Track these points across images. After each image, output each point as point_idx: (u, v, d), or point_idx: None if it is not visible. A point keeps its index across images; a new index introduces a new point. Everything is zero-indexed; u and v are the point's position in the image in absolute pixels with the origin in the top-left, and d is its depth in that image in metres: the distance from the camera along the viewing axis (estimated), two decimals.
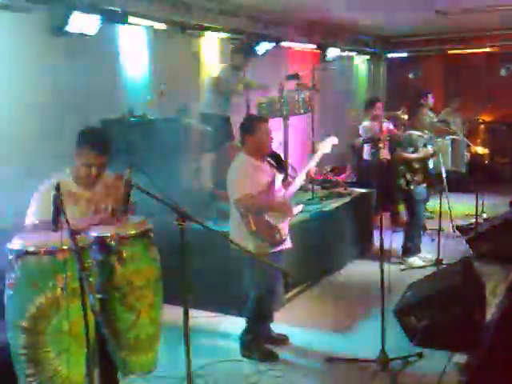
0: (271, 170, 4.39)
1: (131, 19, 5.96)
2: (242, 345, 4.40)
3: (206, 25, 7.06)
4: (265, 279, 4.23)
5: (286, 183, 4.45)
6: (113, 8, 5.68)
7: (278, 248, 4.28)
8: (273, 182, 4.31)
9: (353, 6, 7.66)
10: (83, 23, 5.34)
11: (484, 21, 9.57)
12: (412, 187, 6.31)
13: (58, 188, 2.88)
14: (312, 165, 4.46)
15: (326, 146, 4.49)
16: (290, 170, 6.19)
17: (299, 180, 4.43)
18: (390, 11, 8.30)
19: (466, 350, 4.09)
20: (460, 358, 4.10)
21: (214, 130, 6.22)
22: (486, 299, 4.54)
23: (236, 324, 4.60)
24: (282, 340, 4.58)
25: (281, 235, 4.25)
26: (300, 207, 4.48)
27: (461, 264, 4.72)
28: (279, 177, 4.38)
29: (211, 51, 7.50)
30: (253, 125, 4.35)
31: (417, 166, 6.30)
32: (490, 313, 4.43)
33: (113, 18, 5.74)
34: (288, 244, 4.38)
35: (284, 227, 4.29)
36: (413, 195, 6.39)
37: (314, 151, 4.62)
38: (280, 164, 6.02)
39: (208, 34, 7.29)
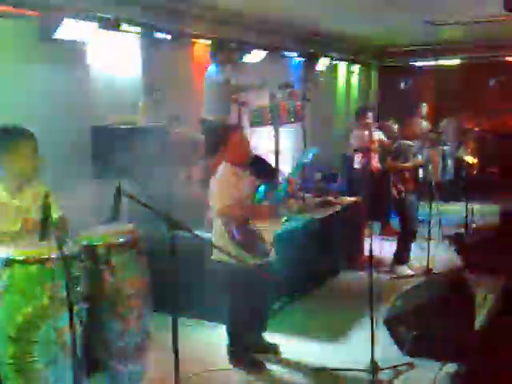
0: (253, 180, 4.35)
1: (124, 26, 5.96)
2: (229, 354, 4.38)
3: (199, 33, 7.06)
4: (242, 291, 4.16)
5: (268, 193, 4.36)
6: (105, 15, 5.68)
7: (264, 260, 4.21)
8: (255, 192, 4.27)
9: (344, 16, 7.70)
10: (75, 30, 5.33)
11: (473, 32, 9.67)
12: (403, 197, 6.33)
13: (47, 196, 2.87)
14: (292, 175, 4.40)
15: (306, 155, 4.40)
16: (280, 178, 6.18)
17: (281, 190, 4.36)
18: (382, 21, 8.36)
19: (456, 359, 4.09)
20: (450, 367, 4.10)
21: (214, 136, 6.19)
22: (475, 309, 4.55)
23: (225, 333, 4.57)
24: (272, 349, 4.55)
25: (266, 247, 4.19)
26: (283, 219, 4.43)
27: (450, 274, 4.73)
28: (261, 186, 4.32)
29: (204, 58, 7.51)
30: (225, 135, 4.33)
31: (407, 175, 6.32)
32: (479, 323, 4.44)
33: (105, 25, 5.73)
34: (272, 255, 4.32)
35: (270, 238, 4.23)
36: (404, 205, 6.41)
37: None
38: (268, 171, 6.00)
39: (201, 41, 7.30)
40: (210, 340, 4.77)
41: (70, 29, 5.25)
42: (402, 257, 6.54)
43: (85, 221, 3.98)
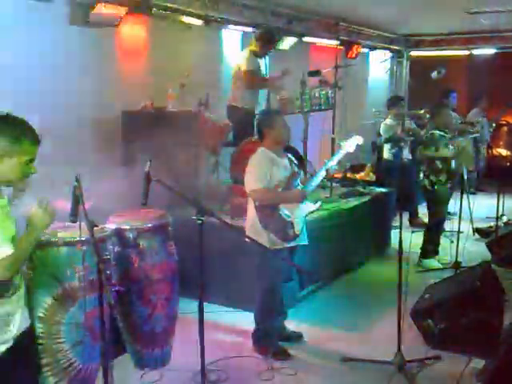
0: (291, 166, 4.36)
1: (155, 11, 5.96)
2: (254, 341, 4.39)
3: (231, 18, 7.03)
4: (273, 275, 4.19)
5: (303, 179, 4.42)
6: None
7: (292, 243, 4.24)
8: (292, 178, 4.28)
9: (378, 3, 7.58)
10: (108, 14, 5.35)
11: (509, 21, 9.43)
12: (436, 188, 6.24)
13: (77, 179, 2.87)
14: (333, 163, 4.43)
15: (351, 144, 4.45)
16: (308, 167, 6.15)
17: (318, 177, 4.39)
18: (415, 9, 8.21)
19: (484, 354, 4.03)
20: (477, 362, 4.04)
21: (240, 123, 6.17)
22: (504, 304, 4.48)
23: (251, 319, 4.59)
24: (296, 337, 4.55)
25: (294, 231, 4.21)
26: (318, 204, 4.43)
27: (480, 268, 4.65)
28: (299, 173, 4.35)
29: (234, 45, 7.48)
30: (272, 119, 4.35)
31: (440, 166, 6.22)
32: (509, 318, 4.37)
33: (137, 9, 5.74)
34: (303, 240, 4.35)
35: (299, 223, 4.25)
36: (436, 196, 6.32)
37: (333, 149, 4.55)
38: (298, 160, 5.97)
39: (232, 27, 7.26)
40: (236, 326, 4.79)
41: (102, 12, 5.28)
42: (429, 249, 6.46)
43: (114, 205, 4.00)
